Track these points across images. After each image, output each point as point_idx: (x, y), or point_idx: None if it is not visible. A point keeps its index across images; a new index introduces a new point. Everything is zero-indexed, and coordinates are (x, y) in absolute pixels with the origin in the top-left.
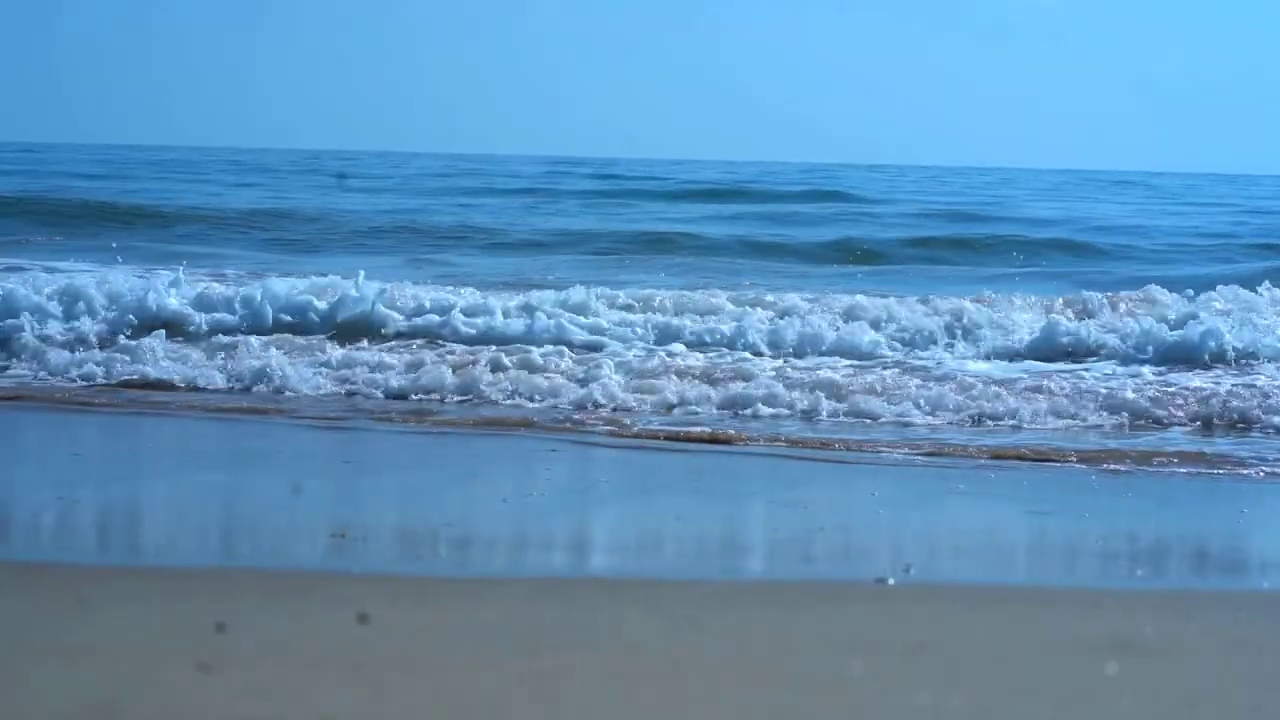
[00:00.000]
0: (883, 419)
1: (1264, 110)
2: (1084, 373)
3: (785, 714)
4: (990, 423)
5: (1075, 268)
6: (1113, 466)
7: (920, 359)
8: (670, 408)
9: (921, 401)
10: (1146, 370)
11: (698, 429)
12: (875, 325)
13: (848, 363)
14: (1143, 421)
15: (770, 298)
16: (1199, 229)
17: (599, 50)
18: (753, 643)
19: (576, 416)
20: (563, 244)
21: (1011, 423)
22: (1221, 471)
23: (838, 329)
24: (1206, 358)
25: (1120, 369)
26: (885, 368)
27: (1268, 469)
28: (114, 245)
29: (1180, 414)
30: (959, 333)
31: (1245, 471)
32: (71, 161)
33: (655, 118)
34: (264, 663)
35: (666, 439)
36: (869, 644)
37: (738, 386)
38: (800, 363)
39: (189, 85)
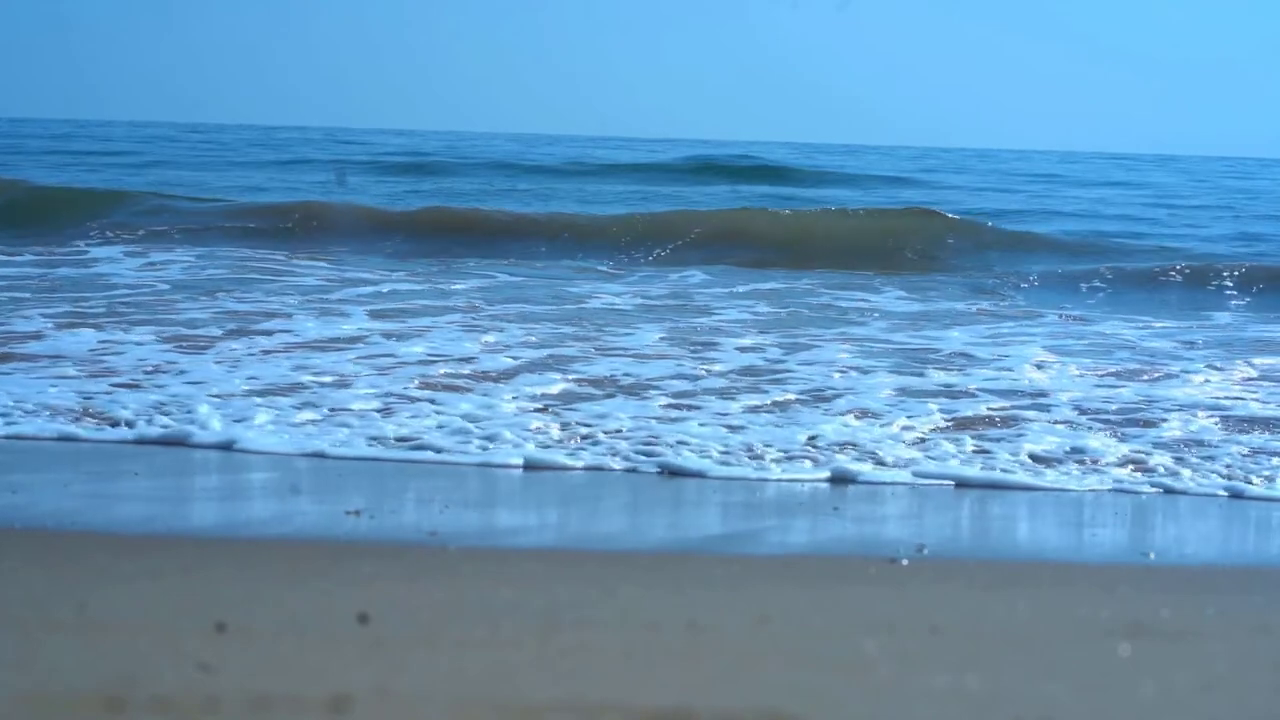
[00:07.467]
0: None
1: None
2: None
3: (804, 693)
4: None
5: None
6: None
7: None
8: None
9: None
10: None
11: None
12: None
13: None
14: None
15: None
16: None
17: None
18: (771, 621)
19: None
20: None
21: None
22: None
23: None
24: None
25: None
26: None
27: None
28: None
29: None
30: None
31: None
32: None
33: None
34: (278, 639)
35: None
36: (887, 623)
37: None
38: None
39: (202, 64)
